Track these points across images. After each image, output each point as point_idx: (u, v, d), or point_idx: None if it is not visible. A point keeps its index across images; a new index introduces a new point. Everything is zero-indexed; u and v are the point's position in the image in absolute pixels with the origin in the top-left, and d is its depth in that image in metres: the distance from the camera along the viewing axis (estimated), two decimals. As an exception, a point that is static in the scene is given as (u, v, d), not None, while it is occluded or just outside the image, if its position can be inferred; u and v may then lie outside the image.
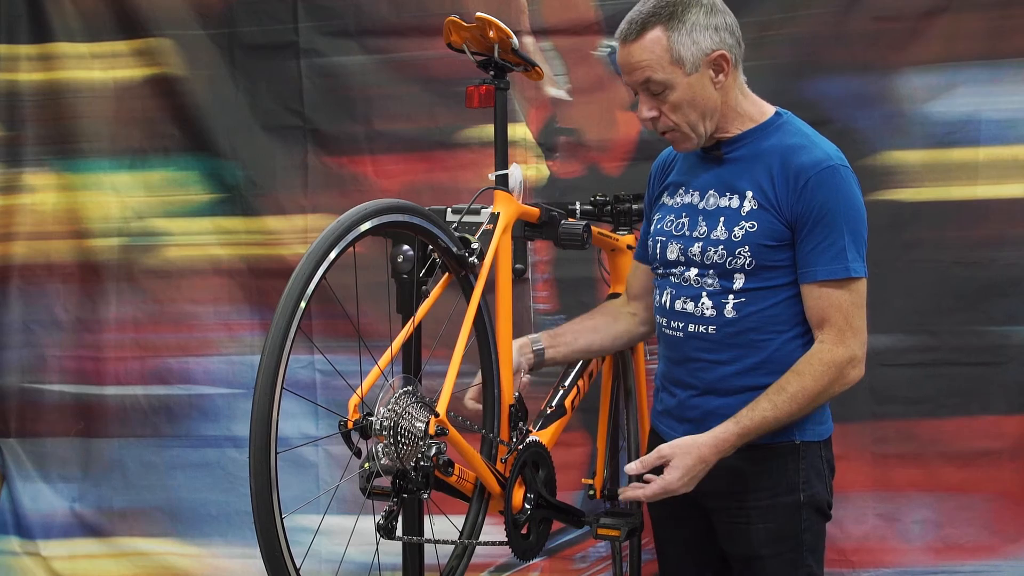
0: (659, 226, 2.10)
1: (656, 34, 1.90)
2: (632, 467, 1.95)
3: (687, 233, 2.03)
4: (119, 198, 3.42)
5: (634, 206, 2.57)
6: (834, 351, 1.90)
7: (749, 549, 2.01)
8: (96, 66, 3.39)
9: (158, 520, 3.44)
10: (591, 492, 2.62)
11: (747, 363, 1.96)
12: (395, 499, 1.74)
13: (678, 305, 2.03)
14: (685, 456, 1.90)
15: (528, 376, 2.22)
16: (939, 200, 3.00)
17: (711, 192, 2.02)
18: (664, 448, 1.93)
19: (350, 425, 1.67)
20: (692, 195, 2.06)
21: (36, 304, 3.48)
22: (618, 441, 2.67)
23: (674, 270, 2.04)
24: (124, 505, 3.46)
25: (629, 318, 2.27)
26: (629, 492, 1.97)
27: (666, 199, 2.13)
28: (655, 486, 1.92)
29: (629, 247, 2.57)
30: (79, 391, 3.47)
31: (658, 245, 2.09)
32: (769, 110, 2.03)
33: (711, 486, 1.97)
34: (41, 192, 3.47)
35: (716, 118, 1.97)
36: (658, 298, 2.09)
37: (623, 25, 1.95)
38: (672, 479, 1.90)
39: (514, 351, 2.12)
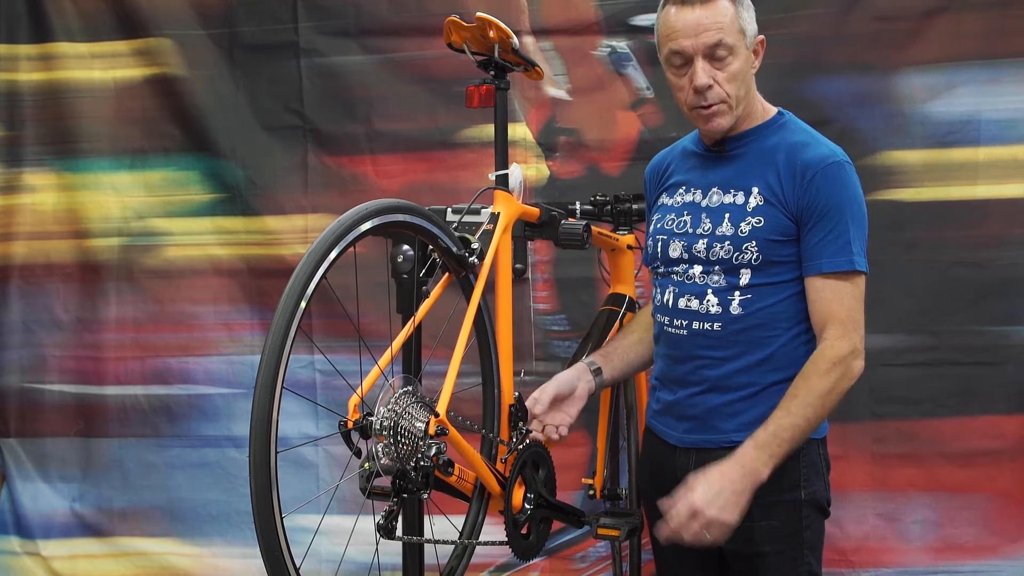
0: (659, 225, 2.10)
1: (725, 2, 1.93)
2: (664, 503, 1.88)
3: (690, 230, 2.03)
4: (119, 198, 3.42)
5: (634, 206, 2.57)
6: (836, 346, 1.90)
7: (751, 546, 2.01)
8: (96, 66, 3.40)
9: (158, 520, 3.44)
10: (591, 492, 2.62)
11: (752, 359, 1.96)
12: (395, 499, 1.74)
13: (682, 303, 2.02)
14: (702, 475, 1.85)
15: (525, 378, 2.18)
16: (939, 200, 3.00)
17: (714, 190, 2.02)
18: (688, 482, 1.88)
19: (350, 425, 1.67)
20: (694, 193, 2.06)
21: (36, 304, 3.48)
22: (618, 441, 2.67)
23: (676, 268, 2.04)
24: (124, 505, 3.46)
25: None
26: (665, 531, 1.88)
27: (665, 199, 2.13)
28: (680, 504, 1.84)
29: (629, 247, 2.57)
30: (79, 391, 3.47)
31: (659, 244, 2.09)
32: (771, 109, 2.06)
33: None
34: (41, 192, 3.47)
35: (745, 104, 1.99)
36: (659, 297, 2.09)
37: None
38: (692, 496, 1.83)
39: (573, 377, 2.12)
